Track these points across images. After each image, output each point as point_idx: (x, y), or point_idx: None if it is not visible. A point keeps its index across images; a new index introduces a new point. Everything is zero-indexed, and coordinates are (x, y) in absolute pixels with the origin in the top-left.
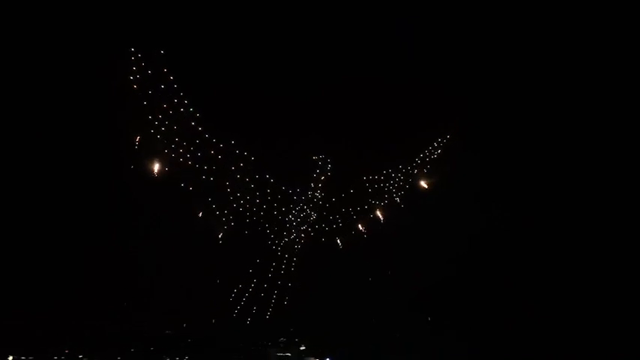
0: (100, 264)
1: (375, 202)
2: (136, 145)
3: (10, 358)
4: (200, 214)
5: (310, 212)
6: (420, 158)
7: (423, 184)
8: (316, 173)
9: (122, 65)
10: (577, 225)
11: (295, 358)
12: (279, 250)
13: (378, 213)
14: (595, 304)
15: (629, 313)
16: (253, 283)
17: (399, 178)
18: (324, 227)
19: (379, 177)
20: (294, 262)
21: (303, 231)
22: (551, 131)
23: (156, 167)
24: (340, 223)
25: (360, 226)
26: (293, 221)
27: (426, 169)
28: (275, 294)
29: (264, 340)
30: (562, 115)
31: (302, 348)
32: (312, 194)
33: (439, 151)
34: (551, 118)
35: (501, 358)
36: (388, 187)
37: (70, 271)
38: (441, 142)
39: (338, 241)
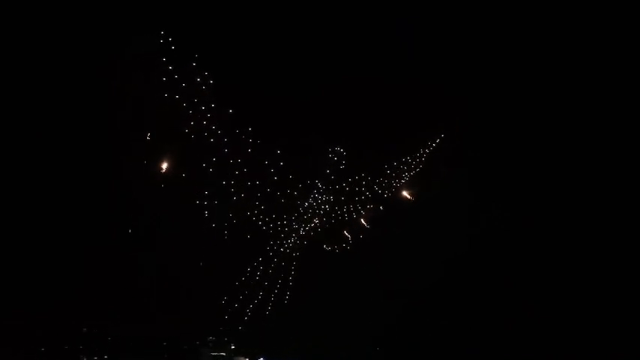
0: (100, 264)
1: (373, 202)
2: (147, 139)
3: None
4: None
5: (317, 211)
6: (418, 157)
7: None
8: (329, 169)
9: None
10: (577, 226)
11: (229, 357)
12: (279, 254)
13: (365, 220)
14: (595, 305)
15: (629, 313)
16: (248, 285)
17: (397, 177)
18: (326, 227)
19: (378, 177)
20: (293, 265)
21: (307, 232)
22: (551, 132)
23: (164, 165)
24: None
25: (346, 231)
26: (303, 216)
27: (424, 168)
28: (272, 297)
29: (192, 339)
30: (562, 115)
31: (232, 347)
32: (326, 188)
33: (437, 150)
34: (551, 119)
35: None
36: (387, 184)
37: (70, 271)
38: (437, 141)
39: (324, 246)
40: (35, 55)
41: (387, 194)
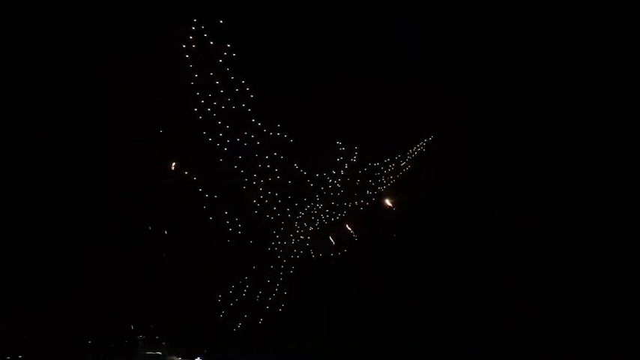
0: (100, 263)
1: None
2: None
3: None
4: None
5: (321, 211)
6: (417, 157)
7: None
8: (339, 164)
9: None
10: (577, 228)
11: (164, 357)
12: (280, 255)
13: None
14: (594, 305)
15: (630, 313)
16: (245, 286)
17: (394, 176)
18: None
19: (377, 177)
20: (292, 267)
21: (311, 232)
22: (550, 132)
23: (173, 164)
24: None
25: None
26: (308, 216)
27: (423, 168)
28: (269, 299)
29: (122, 338)
30: (562, 115)
31: (163, 344)
32: (334, 185)
33: (436, 150)
34: (551, 119)
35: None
36: (385, 184)
37: (70, 271)
38: (435, 140)
39: (310, 251)
40: (35, 55)
41: (384, 194)
